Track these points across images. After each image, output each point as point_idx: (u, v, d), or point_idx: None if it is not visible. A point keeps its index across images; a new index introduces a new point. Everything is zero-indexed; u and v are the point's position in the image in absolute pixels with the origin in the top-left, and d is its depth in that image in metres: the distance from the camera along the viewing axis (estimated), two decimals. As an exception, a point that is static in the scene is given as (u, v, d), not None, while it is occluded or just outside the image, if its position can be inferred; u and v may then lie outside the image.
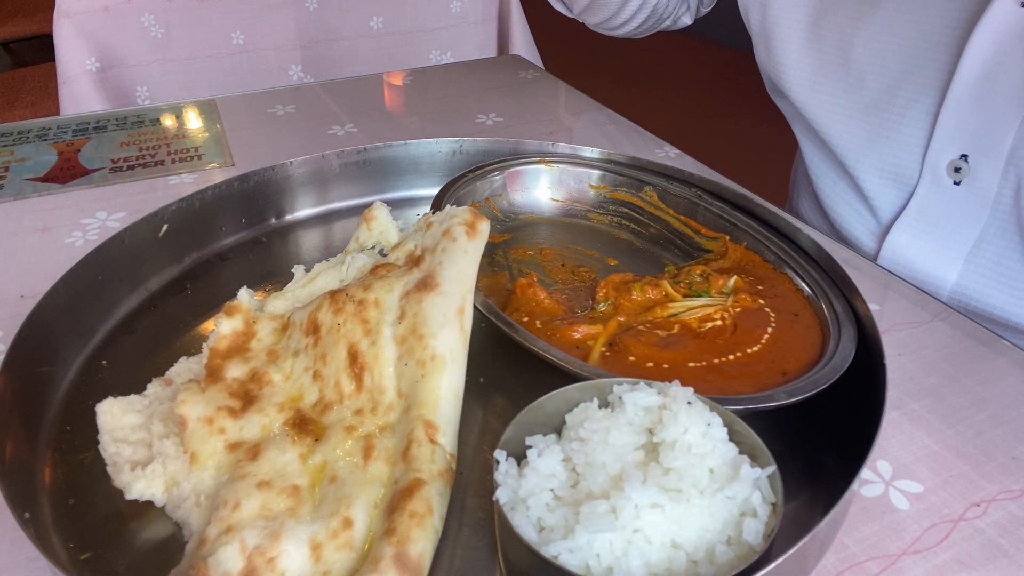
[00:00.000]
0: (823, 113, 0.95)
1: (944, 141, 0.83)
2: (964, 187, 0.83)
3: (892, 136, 0.88)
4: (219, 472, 0.55)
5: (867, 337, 0.63)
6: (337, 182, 0.92)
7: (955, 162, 0.83)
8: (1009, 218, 0.81)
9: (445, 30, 1.87)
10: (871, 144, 0.91)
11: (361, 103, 1.26)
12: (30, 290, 0.78)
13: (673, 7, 1.21)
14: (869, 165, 0.92)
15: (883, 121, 0.89)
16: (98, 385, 0.66)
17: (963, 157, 0.82)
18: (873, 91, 0.88)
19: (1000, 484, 0.58)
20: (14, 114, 2.23)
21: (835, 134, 0.94)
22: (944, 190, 0.85)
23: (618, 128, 1.19)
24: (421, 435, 0.55)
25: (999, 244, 0.83)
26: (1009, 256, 0.83)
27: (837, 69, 0.91)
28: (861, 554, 0.53)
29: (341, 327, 0.62)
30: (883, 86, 0.87)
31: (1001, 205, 0.81)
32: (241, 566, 0.47)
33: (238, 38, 1.68)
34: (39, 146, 1.11)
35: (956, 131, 0.82)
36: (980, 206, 0.82)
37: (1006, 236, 0.82)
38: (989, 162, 0.80)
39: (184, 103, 1.26)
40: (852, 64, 0.89)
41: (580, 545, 0.45)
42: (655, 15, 1.20)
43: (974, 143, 0.81)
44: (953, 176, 0.83)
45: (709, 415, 0.51)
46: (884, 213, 0.93)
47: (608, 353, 0.64)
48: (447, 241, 0.66)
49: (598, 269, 0.81)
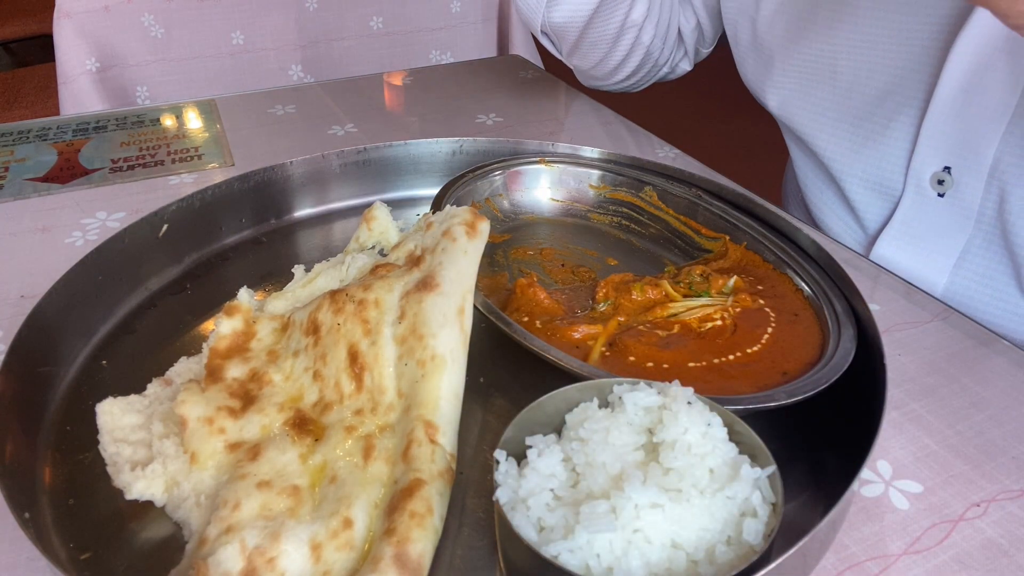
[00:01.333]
0: (810, 123, 0.95)
1: (927, 153, 0.83)
2: (948, 199, 0.82)
3: (876, 147, 0.88)
4: (219, 472, 0.55)
5: (867, 337, 0.63)
6: (337, 182, 0.92)
7: (938, 174, 0.82)
8: (994, 230, 0.81)
9: (445, 30, 1.87)
10: (856, 155, 0.90)
11: (361, 103, 1.26)
12: (30, 290, 0.78)
13: (670, 52, 1.18)
14: (854, 176, 0.92)
15: (868, 132, 0.88)
16: (98, 385, 0.66)
17: (946, 169, 0.81)
18: (859, 102, 0.88)
19: (1000, 484, 0.58)
20: (14, 114, 2.23)
21: (821, 144, 0.94)
22: (928, 202, 0.84)
23: (618, 128, 1.18)
24: (421, 435, 0.55)
25: (985, 256, 0.83)
26: (995, 268, 0.82)
27: (824, 80, 0.90)
28: (861, 554, 0.53)
29: (341, 327, 0.62)
30: (869, 97, 0.87)
31: (985, 217, 0.81)
32: (241, 566, 0.47)
33: (238, 38, 1.68)
34: (39, 146, 1.11)
35: (939, 143, 0.81)
36: (964, 218, 0.82)
37: (991, 248, 0.82)
38: (972, 174, 0.80)
39: (184, 103, 1.26)
40: (839, 76, 0.88)
41: (580, 545, 0.45)
42: (650, 60, 1.16)
43: (957, 155, 0.80)
44: (937, 188, 0.83)
45: (709, 415, 0.51)
46: (870, 224, 0.93)
47: (608, 353, 0.64)
48: (447, 241, 0.66)
49: (598, 269, 0.81)
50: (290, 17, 1.71)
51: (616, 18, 1.05)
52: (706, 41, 1.19)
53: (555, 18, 1.06)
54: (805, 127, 0.95)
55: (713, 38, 1.19)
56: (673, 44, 1.18)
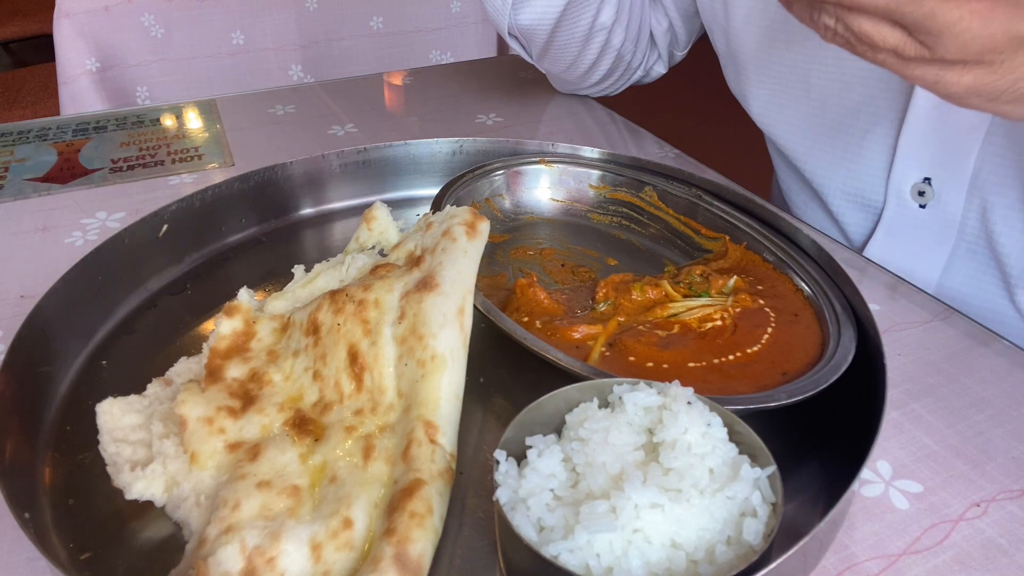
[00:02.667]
0: (787, 135, 0.94)
1: (906, 164, 0.82)
2: (930, 210, 0.82)
3: (855, 160, 0.87)
4: (219, 472, 0.55)
5: (867, 337, 0.63)
6: (337, 182, 0.92)
7: (919, 185, 0.82)
8: (978, 240, 0.80)
9: (445, 30, 1.87)
10: (835, 167, 0.90)
11: (361, 103, 1.26)
12: (30, 290, 0.78)
13: (643, 55, 1.17)
14: (835, 188, 0.91)
15: (845, 144, 0.88)
16: (98, 385, 0.66)
17: (926, 180, 0.81)
18: (835, 115, 0.87)
19: (1000, 484, 0.58)
20: (14, 114, 2.23)
21: (800, 157, 0.93)
22: (910, 213, 0.84)
23: (618, 128, 1.18)
24: (421, 435, 0.55)
25: (970, 266, 0.83)
26: (982, 277, 0.82)
27: (797, 93, 0.90)
28: (861, 554, 0.53)
29: (341, 327, 0.62)
30: (844, 110, 0.86)
31: (968, 227, 0.80)
32: (241, 566, 0.47)
33: (238, 38, 1.68)
34: (39, 146, 1.11)
35: (918, 154, 0.81)
36: (947, 228, 0.82)
37: (976, 258, 0.82)
38: (953, 185, 0.79)
39: (184, 103, 1.26)
40: (812, 89, 0.88)
41: (580, 545, 0.45)
42: (622, 63, 1.14)
43: (937, 166, 0.80)
44: (918, 199, 0.83)
45: (709, 415, 0.51)
46: (855, 235, 0.93)
47: (608, 353, 0.64)
48: (447, 241, 0.66)
49: (598, 269, 0.81)
50: (290, 17, 1.71)
51: (584, 21, 1.04)
52: (680, 44, 1.18)
53: (522, 20, 1.04)
54: (783, 139, 0.95)
55: (688, 41, 1.17)
56: (645, 47, 1.17)
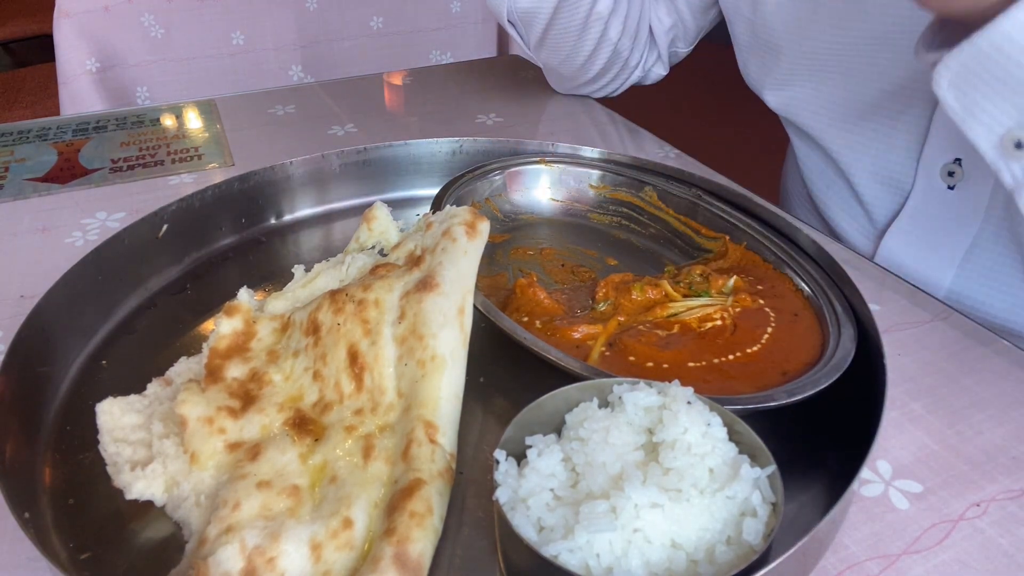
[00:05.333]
0: (817, 119, 0.94)
1: (938, 145, 0.82)
2: (958, 191, 0.82)
3: (886, 141, 0.88)
4: (219, 472, 0.55)
5: (867, 337, 0.63)
6: (337, 182, 0.92)
7: (949, 166, 0.82)
8: (1003, 223, 0.81)
9: (445, 30, 1.87)
10: (865, 149, 0.90)
11: (361, 103, 1.26)
12: (30, 290, 0.78)
13: (641, 53, 1.17)
14: (863, 169, 0.92)
15: (877, 126, 0.88)
16: (98, 385, 0.66)
17: (957, 161, 0.81)
18: (871, 98, 0.88)
19: (1000, 484, 0.58)
20: (14, 114, 2.23)
21: (829, 139, 0.94)
22: (938, 194, 0.84)
23: (618, 128, 1.18)
24: (421, 435, 0.55)
25: (993, 250, 0.83)
26: (1003, 262, 0.82)
27: (834, 77, 0.90)
28: (861, 554, 0.53)
29: (341, 327, 0.62)
30: (878, 92, 0.86)
31: (995, 210, 0.81)
32: (241, 566, 0.47)
33: (238, 38, 1.68)
34: (39, 146, 1.11)
35: (950, 135, 0.81)
36: (974, 210, 0.82)
37: (1000, 242, 0.82)
38: (983, 166, 0.80)
39: (184, 103, 1.26)
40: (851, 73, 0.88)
41: (580, 545, 0.45)
42: (619, 59, 1.15)
43: (968, 147, 0.80)
44: (947, 180, 0.83)
45: (709, 415, 0.51)
46: (879, 217, 0.93)
47: (608, 353, 0.64)
48: (447, 241, 0.66)
49: (598, 269, 0.81)
50: (290, 17, 1.71)
51: (582, 8, 1.06)
52: (687, 39, 1.19)
53: (521, 3, 1.08)
54: (812, 123, 0.95)
55: (695, 36, 1.18)
56: (644, 45, 1.17)
